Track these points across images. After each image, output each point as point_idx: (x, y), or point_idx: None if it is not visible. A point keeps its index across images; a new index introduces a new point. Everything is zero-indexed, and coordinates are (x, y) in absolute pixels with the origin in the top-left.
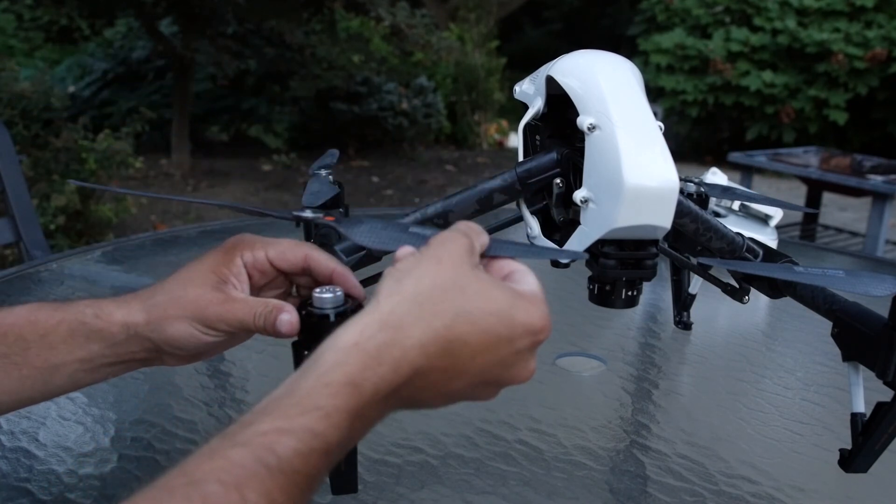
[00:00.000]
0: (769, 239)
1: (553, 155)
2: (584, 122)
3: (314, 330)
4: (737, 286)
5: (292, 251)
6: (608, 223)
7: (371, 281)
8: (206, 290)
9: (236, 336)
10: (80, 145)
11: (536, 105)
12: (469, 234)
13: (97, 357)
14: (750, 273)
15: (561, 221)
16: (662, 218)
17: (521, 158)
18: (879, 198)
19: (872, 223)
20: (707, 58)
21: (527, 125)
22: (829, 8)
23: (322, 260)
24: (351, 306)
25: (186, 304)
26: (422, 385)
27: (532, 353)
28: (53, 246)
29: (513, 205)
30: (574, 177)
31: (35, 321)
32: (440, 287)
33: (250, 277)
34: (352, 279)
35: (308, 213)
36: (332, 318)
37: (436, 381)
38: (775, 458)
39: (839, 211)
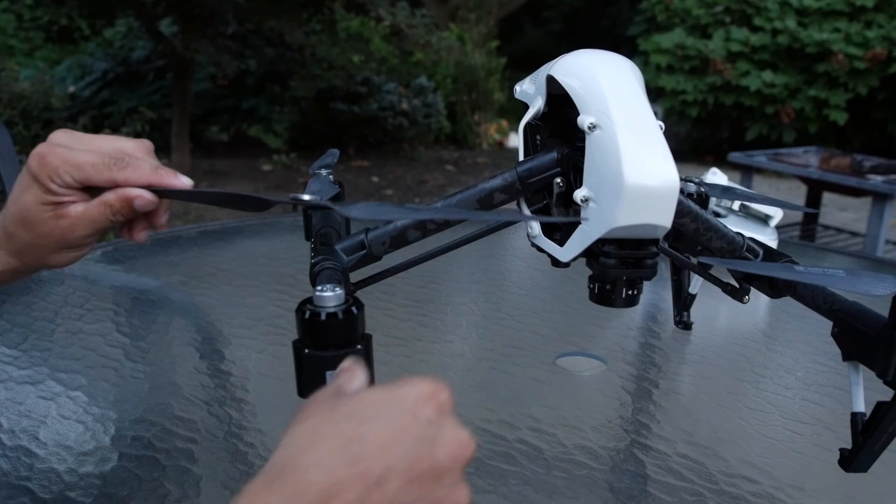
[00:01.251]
0: (769, 239)
1: (553, 154)
2: (584, 121)
3: (315, 328)
4: (737, 286)
5: (97, 175)
6: (608, 222)
7: (371, 281)
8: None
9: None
10: None
11: (537, 104)
12: (338, 381)
13: None
14: (750, 273)
15: None
16: (663, 217)
17: (521, 158)
18: (879, 198)
19: (872, 223)
20: (707, 58)
21: (527, 125)
22: (829, 8)
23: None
24: (352, 304)
25: (23, 186)
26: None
27: (447, 421)
28: None
29: (513, 204)
30: (574, 176)
31: None
32: (310, 433)
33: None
34: (172, 176)
35: (305, 197)
36: (334, 316)
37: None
38: (775, 457)
39: (839, 211)
